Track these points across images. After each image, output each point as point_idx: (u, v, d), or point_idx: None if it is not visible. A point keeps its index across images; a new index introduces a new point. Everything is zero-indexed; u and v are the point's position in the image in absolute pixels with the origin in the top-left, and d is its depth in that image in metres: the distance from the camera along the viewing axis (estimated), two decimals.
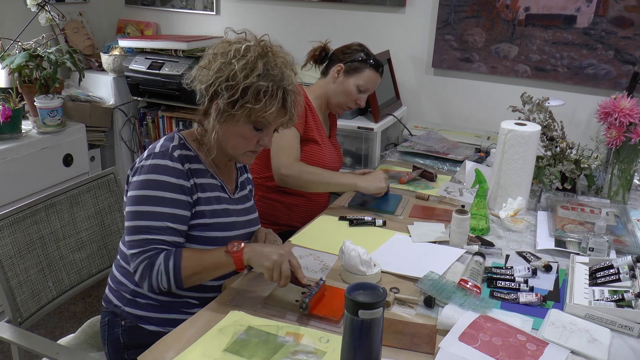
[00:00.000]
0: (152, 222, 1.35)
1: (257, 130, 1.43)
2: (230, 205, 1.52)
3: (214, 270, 1.38)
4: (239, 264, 1.36)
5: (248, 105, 1.36)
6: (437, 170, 2.37)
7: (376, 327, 1.07)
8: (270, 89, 1.37)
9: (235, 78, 1.35)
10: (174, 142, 1.44)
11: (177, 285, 1.36)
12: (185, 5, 3.45)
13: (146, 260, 1.34)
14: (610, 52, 2.56)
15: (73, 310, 2.73)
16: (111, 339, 1.49)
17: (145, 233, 1.35)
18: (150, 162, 1.39)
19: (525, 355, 1.20)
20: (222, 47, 1.41)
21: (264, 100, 1.37)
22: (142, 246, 1.35)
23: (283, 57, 1.43)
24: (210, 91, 1.39)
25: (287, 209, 2.10)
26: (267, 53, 1.40)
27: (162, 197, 1.36)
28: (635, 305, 1.34)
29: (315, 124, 2.09)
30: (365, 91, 2.10)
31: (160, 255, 1.34)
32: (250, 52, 1.37)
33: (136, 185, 1.38)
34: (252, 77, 1.35)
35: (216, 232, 1.47)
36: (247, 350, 1.22)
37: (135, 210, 1.37)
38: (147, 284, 1.36)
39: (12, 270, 1.53)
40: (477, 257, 1.57)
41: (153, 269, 1.33)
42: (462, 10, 2.78)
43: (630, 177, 2.08)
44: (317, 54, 2.14)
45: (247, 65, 1.36)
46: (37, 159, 2.67)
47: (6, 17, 3.02)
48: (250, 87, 1.35)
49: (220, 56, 1.39)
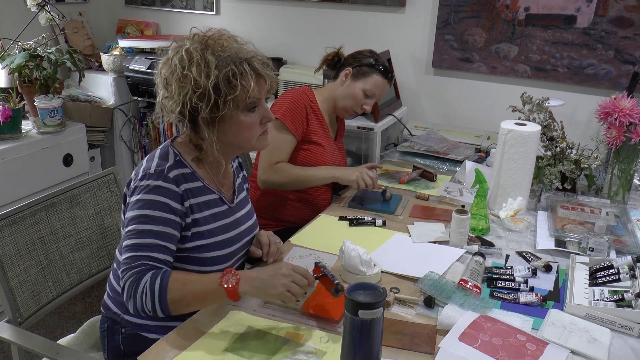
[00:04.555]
0: (142, 239, 1.30)
1: (253, 111, 1.38)
2: (229, 218, 1.48)
3: (203, 299, 1.31)
4: (233, 297, 1.27)
5: (229, 98, 1.31)
6: (437, 170, 2.37)
7: (376, 327, 1.07)
8: (236, 69, 1.31)
9: (199, 85, 1.29)
10: (169, 160, 1.37)
11: (162, 309, 1.26)
12: (185, 5, 3.45)
13: (133, 276, 1.27)
14: (610, 52, 2.56)
15: (73, 310, 2.72)
16: (111, 346, 1.47)
17: (135, 250, 1.29)
18: (144, 183, 1.33)
19: (525, 355, 1.20)
20: (166, 67, 1.35)
21: (238, 83, 1.31)
22: (130, 263, 1.28)
23: (225, 36, 1.37)
24: (186, 112, 1.33)
25: (288, 205, 2.11)
26: (206, 42, 1.34)
27: (152, 216, 1.31)
28: (635, 305, 1.34)
29: (320, 127, 2.10)
30: (372, 96, 2.10)
31: (147, 274, 1.26)
32: (193, 52, 1.31)
33: (132, 206, 1.34)
34: (212, 72, 1.29)
35: (214, 252, 1.42)
36: (247, 350, 1.22)
37: (129, 229, 1.31)
38: (132, 304, 1.27)
39: (12, 270, 1.53)
40: (477, 257, 1.57)
41: (138, 287, 1.25)
42: (462, 10, 2.78)
43: (630, 177, 2.08)
44: (330, 59, 2.16)
45: (199, 66, 1.30)
46: (37, 159, 2.67)
47: (6, 17, 3.02)
48: (219, 81, 1.30)
49: (172, 76, 1.33)
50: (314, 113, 2.08)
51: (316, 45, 2.46)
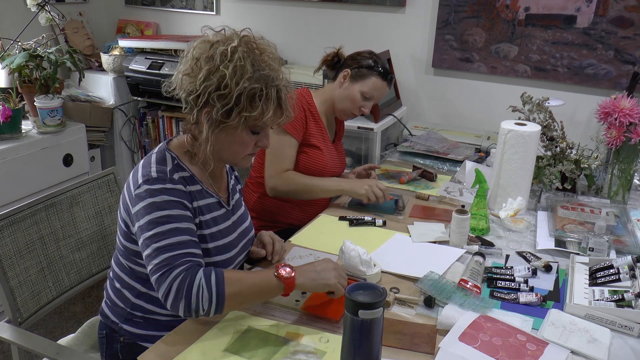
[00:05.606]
0: (172, 239, 1.24)
1: (255, 134, 1.37)
2: (227, 222, 1.46)
3: (259, 293, 1.29)
4: (289, 289, 1.27)
5: (244, 114, 1.28)
6: (437, 170, 2.37)
7: (376, 327, 1.07)
8: (264, 91, 1.28)
9: (227, 86, 1.26)
10: (168, 165, 1.33)
11: (218, 304, 1.21)
12: (185, 5, 3.45)
13: (181, 275, 1.20)
14: (610, 52, 2.56)
15: (73, 310, 2.72)
16: (109, 353, 1.46)
17: (169, 251, 1.23)
18: (149, 187, 1.28)
19: (525, 355, 1.20)
20: (204, 49, 1.30)
21: (260, 104, 1.28)
22: (170, 263, 1.21)
23: (270, 51, 1.34)
24: (200, 101, 1.29)
25: (287, 208, 2.11)
26: (253, 50, 1.31)
27: (171, 215, 1.26)
28: (635, 305, 1.34)
29: (318, 129, 2.08)
30: (370, 98, 2.06)
31: (199, 270, 1.22)
32: (237, 53, 1.27)
33: (141, 213, 1.27)
34: (243, 81, 1.26)
35: (216, 257, 1.40)
36: (247, 350, 1.22)
37: (150, 235, 1.25)
38: (184, 304, 1.20)
39: (12, 270, 1.53)
40: (477, 257, 1.57)
41: (193, 285, 1.19)
42: (462, 10, 2.78)
43: (630, 177, 2.08)
44: (329, 59, 2.13)
45: (236, 69, 1.26)
46: (37, 159, 2.67)
47: (6, 17, 3.02)
48: (244, 93, 1.27)
49: (204, 61, 1.28)
50: (311, 116, 2.06)
51: (316, 45, 2.46)
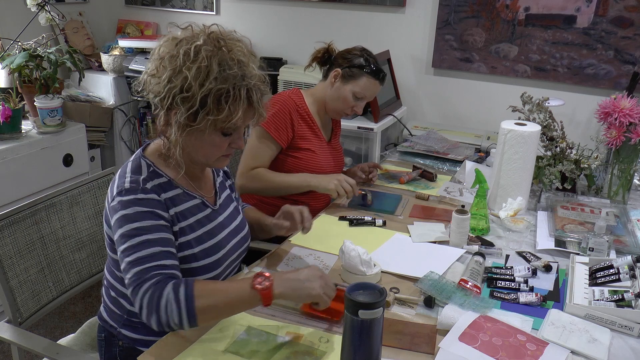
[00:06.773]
0: (142, 252, 1.20)
1: (227, 136, 1.29)
2: (213, 222, 1.41)
3: (234, 306, 1.22)
4: (267, 300, 1.19)
5: (210, 117, 1.21)
6: (437, 170, 2.37)
7: (376, 327, 1.07)
8: (231, 91, 1.21)
9: (190, 88, 1.19)
10: (142, 173, 1.29)
11: (189, 319, 1.17)
12: (185, 5, 3.45)
13: (150, 289, 1.17)
14: (610, 52, 2.56)
15: (73, 310, 2.72)
16: (108, 356, 1.45)
17: (139, 264, 1.20)
18: (121, 199, 1.25)
19: (525, 355, 1.20)
20: (169, 47, 1.24)
21: (226, 106, 1.21)
22: (140, 278, 1.19)
23: (240, 47, 1.26)
24: (165, 104, 1.23)
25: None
26: (220, 48, 1.23)
27: (142, 227, 1.23)
28: (635, 305, 1.34)
29: (310, 130, 2.04)
30: (362, 98, 2.03)
31: (168, 284, 1.17)
32: (201, 52, 1.20)
33: (116, 226, 1.25)
34: (208, 82, 1.19)
35: (203, 260, 1.36)
36: (247, 350, 1.22)
37: (123, 248, 1.22)
38: (155, 319, 1.17)
39: (12, 270, 1.53)
40: (477, 257, 1.57)
41: (161, 300, 1.16)
42: (462, 10, 2.79)
43: (630, 177, 2.08)
44: (320, 55, 2.08)
45: (200, 70, 1.19)
46: (37, 159, 2.67)
47: (6, 17, 3.02)
48: (209, 95, 1.20)
49: (168, 61, 1.22)
50: (301, 117, 2.02)
51: (316, 45, 2.46)
